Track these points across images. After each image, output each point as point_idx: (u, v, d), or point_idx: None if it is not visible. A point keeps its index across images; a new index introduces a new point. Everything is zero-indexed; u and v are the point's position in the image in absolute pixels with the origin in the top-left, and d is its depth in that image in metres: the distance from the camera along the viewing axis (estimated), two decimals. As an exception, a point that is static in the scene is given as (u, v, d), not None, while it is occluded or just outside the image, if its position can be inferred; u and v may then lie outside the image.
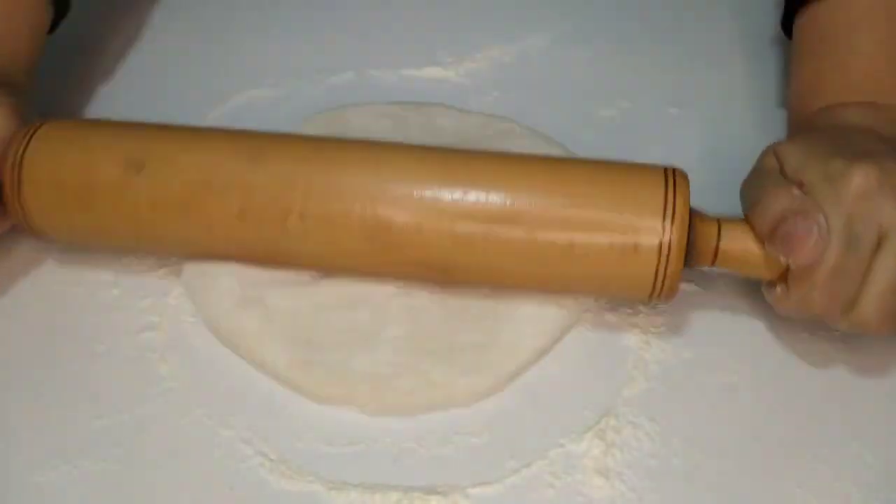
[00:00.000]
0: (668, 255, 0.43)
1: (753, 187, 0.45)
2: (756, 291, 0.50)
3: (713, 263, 0.44)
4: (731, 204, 0.46)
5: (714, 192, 0.46)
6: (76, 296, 0.51)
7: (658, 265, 0.43)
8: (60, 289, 0.51)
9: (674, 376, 0.47)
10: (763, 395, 0.46)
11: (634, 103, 0.60)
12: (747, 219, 0.44)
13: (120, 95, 0.62)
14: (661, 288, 0.44)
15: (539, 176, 0.45)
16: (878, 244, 0.41)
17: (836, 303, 0.42)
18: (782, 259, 0.42)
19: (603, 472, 0.43)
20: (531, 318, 0.48)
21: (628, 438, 0.44)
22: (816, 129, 0.48)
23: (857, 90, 0.49)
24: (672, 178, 0.44)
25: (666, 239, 0.42)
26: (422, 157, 0.46)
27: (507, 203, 0.44)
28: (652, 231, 0.42)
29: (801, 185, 0.42)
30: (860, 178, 0.41)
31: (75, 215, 0.47)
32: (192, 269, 0.50)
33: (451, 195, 0.44)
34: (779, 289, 0.44)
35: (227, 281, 0.49)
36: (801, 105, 0.51)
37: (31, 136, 0.47)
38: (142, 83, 0.63)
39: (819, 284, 0.41)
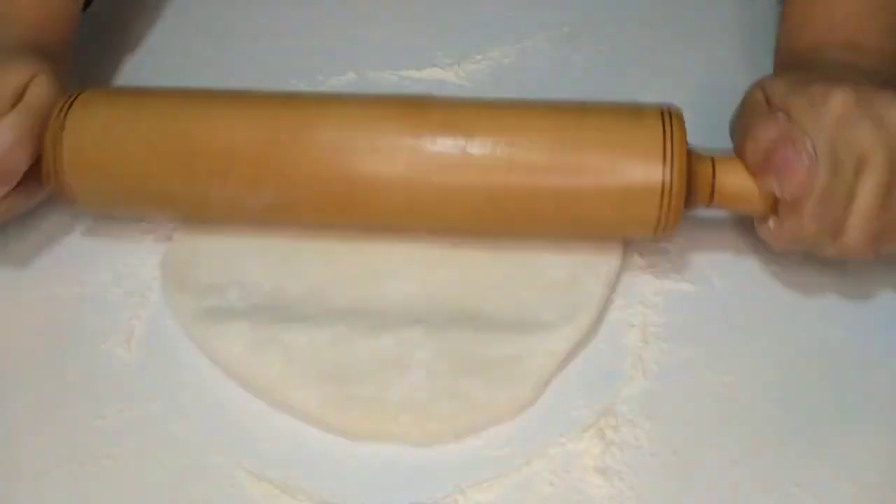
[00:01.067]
0: (669, 196, 0.44)
1: (742, 120, 0.46)
2: (754, 291, 0.50)
3: (710, 200, 0.46)
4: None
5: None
6: (77, 295, 0.51)
7: (661, 206, 0.44)
8: (61, 289, 0.51)
9: (672, 375, 0.46)
10: (762, 394, 0.46)
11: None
12: (738, 153, 0.46)
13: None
14: (664, 226, 0.45)
15: (535, 123, 0.46)
16: (859, 168, 0.42)
17: (824, 228, 0.43)
18: (775, 189, 0.43)
19: (602, 471, 0.43)
20: (558, 320, 0.47)
21: (627, 437, 0.44)
22: (801, 66, 0.50)
23: (840, 30, 0.50)
24: (668, 118, 0.45)
25: (667, 180, 0.44)
26: (416, 106, 0.47)
27: (505, 151, 0.45)
28: (653, 173, 0.44)
29: (786, 113, 0.44)
30: (839, 100, 0.42)
31: (114, 160, 0.47)
32: (195, 318, 0.48)
33: (446, 145, 0.45)
34: (771, 221, 0.45)
35: (236, 326, 0.47)
36: (788, 42, 0.53)
37: (72, 102, 0.48)
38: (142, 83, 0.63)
39: (808, 211, 0.42)
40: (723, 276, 0.50)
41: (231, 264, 0.50)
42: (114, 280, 0.51)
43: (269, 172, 0.47)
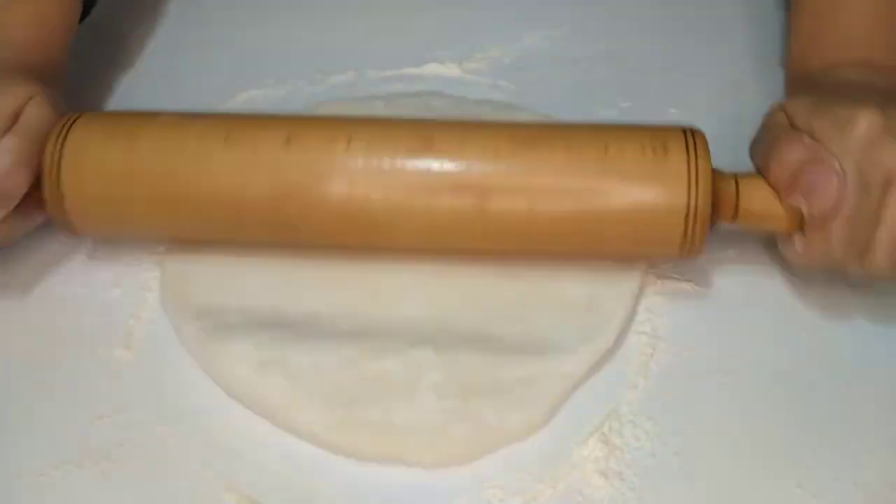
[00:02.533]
0: (694, 218, 0.44)
1: (765, 142, 0.46)
2: (755, 291, 0.50)
3: (734, 220, 0.46)
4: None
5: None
6: (76, 296, 0.51)
7: (686, 227, 0.44)
8: (61, 289, 0.51)
9: (674, 376, 0.46)
10: (763, 395, 0.46)
11: (635, 103, 0.60)
12: (761, 174, 0.46)
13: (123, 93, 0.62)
14: (690, 248, 0.45)
15: (556, 151, 0.45)
16: (886, 188, 0.42)
17: (852, 248, 0.43)
18: (804, 208, 0.43)
19: (603, 472, 0.43)
20: (575, 343, 0.46)
21: (628, 439, 0.44)
22: (817, 86, 0.50)
23: (853, 48, 0.51)
24: (692, 139, 0.45)
25: (692, 202, 0.44)
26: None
27: (529, 175, 0.45)
28: (678, 195, 0.44)
29: (811, 135, 0.44)
30: (866, 123, 0.42)
31: (116, 190, 0.46)
32: (197, 336, 0.47)
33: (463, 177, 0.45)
34: (797, 240, 0.45)
35: (239, 346, 0.46)
36: (799, 62, 0.54)
37: (70, 125, 0.47)
38: (142, 85, 0.63)
39: (837, 230, 0.43)
40: (724, 276, 0.50)
41: (229, 285, 0.49)
42: (113, 280, 0.51)
43: (278, 220, 0.46)
